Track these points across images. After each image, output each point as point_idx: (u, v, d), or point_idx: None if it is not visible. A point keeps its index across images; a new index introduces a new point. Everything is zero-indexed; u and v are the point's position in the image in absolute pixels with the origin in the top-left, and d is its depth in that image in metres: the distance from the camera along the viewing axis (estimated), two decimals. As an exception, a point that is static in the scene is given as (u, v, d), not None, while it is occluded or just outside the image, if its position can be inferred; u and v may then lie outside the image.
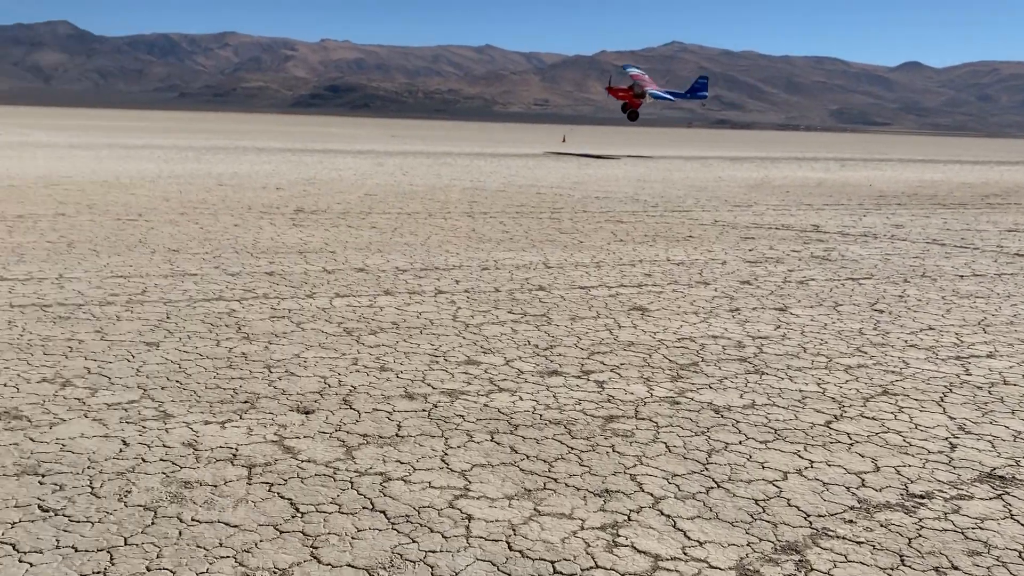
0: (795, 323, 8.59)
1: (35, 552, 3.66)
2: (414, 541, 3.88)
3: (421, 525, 4.04)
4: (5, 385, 5.83)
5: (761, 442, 5.29)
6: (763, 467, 4.90)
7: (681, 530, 4.09)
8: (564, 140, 75.85)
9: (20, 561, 3.59)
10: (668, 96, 54.11)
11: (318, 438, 5.10)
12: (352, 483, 4.47)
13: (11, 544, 3.72)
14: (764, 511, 4.33)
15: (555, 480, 4.61)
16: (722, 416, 5.74)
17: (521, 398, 5.97)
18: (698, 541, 3.99)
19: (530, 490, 4.47)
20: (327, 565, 3.65)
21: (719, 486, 4.61)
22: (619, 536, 4.01)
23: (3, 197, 16.87)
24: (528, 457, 4.92)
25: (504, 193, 22.21)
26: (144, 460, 4.67)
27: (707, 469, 4.84)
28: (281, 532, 3.92)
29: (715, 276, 11.10)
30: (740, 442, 5.28)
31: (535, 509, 4.25)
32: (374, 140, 62.22)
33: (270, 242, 12.57)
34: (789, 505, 4.41)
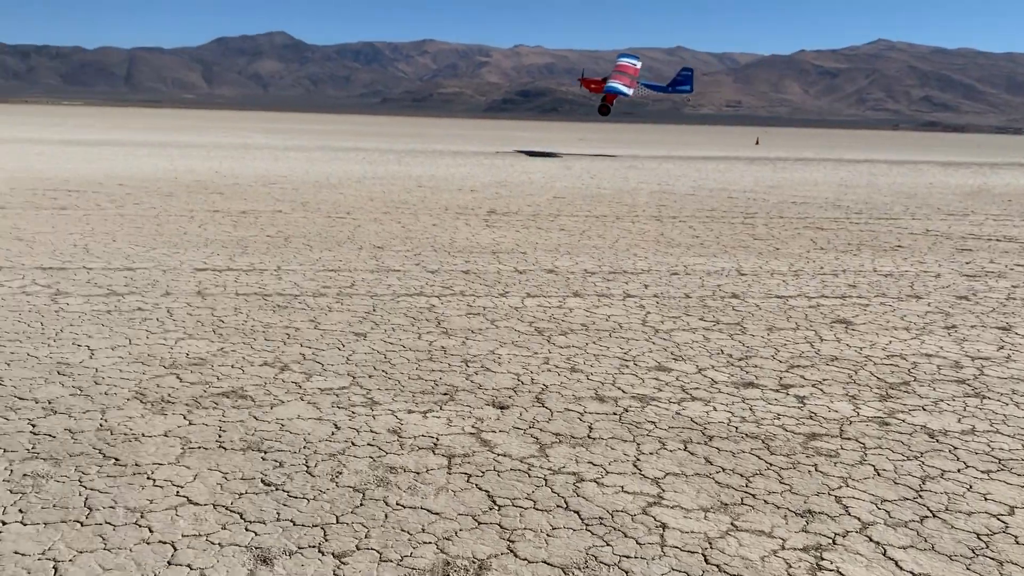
0: (1021, 344, 7.82)
1: (259, 522, 3.99)
2: (608, 544, 3.88)
3: (615, 529, 4.03)
4: (232, 367, 6.39)
5: (983, 471, 4.86)
6: (985, 499, 4.50)
7: (892, 559, 3.83)
8: (758, 143, 73.35)
9: (246, 530, 3.92)
10: (623, 90, 46.34)
11: (513, 433, 5.21)
12: (546, 481, 4.54)
13: (239, 513, 4.07)
14: (987, 547, 3.98)
15: (753, 496, 4.45)
16: (937, 441, 5.33)
17: (715, 408, 5.81)
18: (911, 572, 3.73)
19: (727, 504, 4.35)
20: (524, 560, 3.73)
21: (935, 515, 4.28)
22: (823, 560, 3.81)
23: (229, 194, 18.52)
24: (724, 470, 4.78)
25: (694, 197, 21.76)
26: (353, 444, 4.96)
27: (921, 496, 4.50)
28: (480, 523, 4.04)
29: (928, 290, 10.32)
30: (959, 470, 4.87)
31: (732, 524, 4.13)
32: (562, 143, 62.87)
33: (465, 242, 13.00)
34: (1017, 543, 4.03)
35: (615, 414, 5.62)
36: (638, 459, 4.88)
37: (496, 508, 4.21)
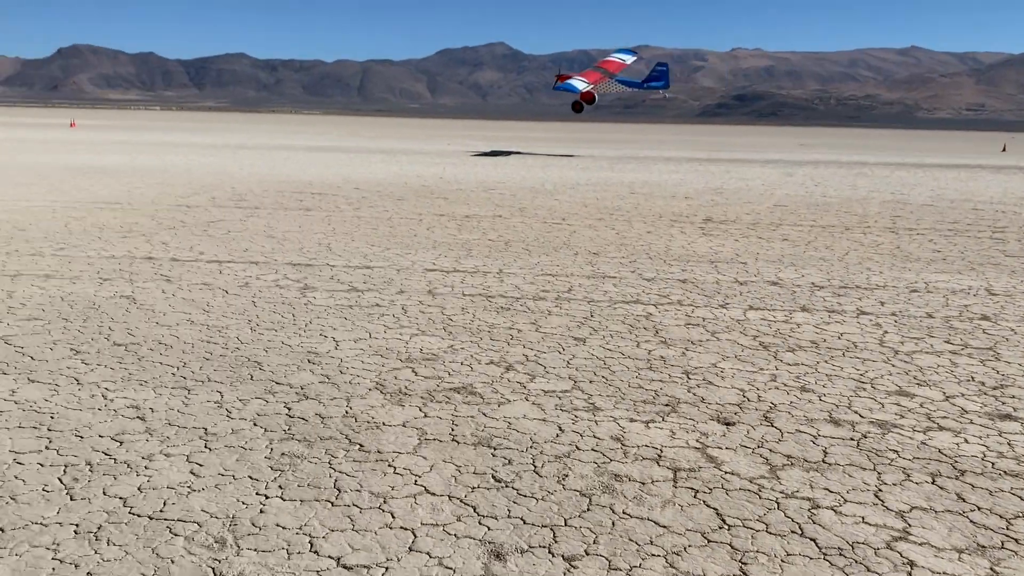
0: None
1: (491, 517, 4.12)
2: (849, 577, 3.66)
3: (856, 561, 3.79)
4: (462, 364, 6.66)
5: None
6: None
7: None
8: (1005, 149, 66.69)
9: (480, 524, 4.06)
10: (574, 87, 43.52)
11: (740, 451, 5.04)
12: (778, 504, 4.35)
13: (472, 506, 4.23)
14: None
15: (1015, 540, 4.03)
16: None
17: (967, 440, 5.32)
18: None
19: (984, 546, 3.96)
20: (757, 584, 3.59)
21: None
22: (1107, 623, 3.37)
23: (453, 199, 19.39)
24: (979, 508, 4.36)
25: (932, 207, 20.10)
26: (577, 448, 5.01)
27: None
28: (709, 541, 3.94)
29: None
30: None
31: (992, 569, 3.75)
32: (781, 149, 60.36)
33: (681, 250, 12.79)
34: None
35: (852, 439, 5.29)
36: (880, 489, 4.56)
37: (726, 527, 4.08)
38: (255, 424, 5.26)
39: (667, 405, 5.84)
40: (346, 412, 5.51)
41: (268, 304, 8.49)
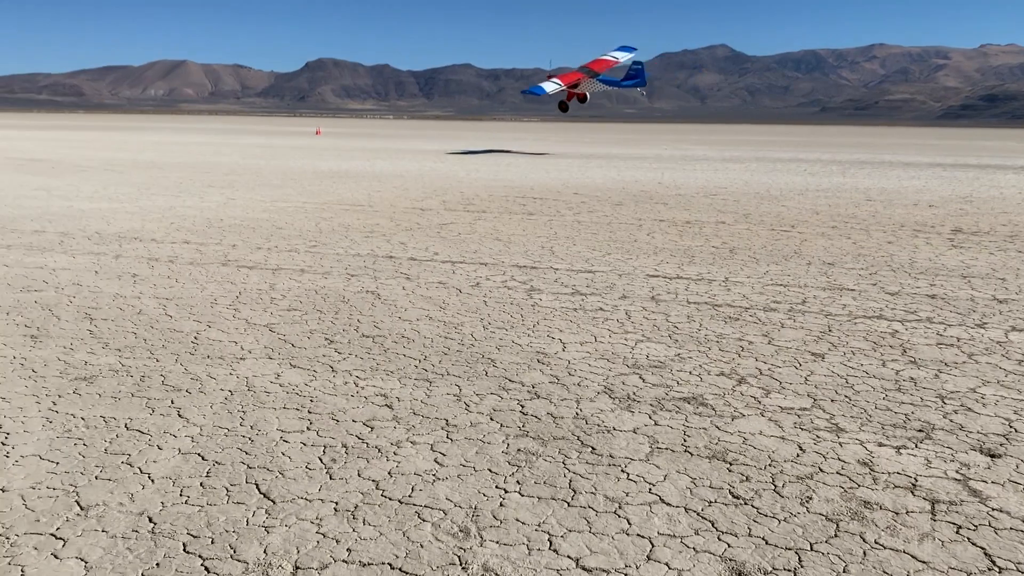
0: None
1: (731, 534, 3.99)
2: None
3: None
4: (690, 373, 6.53)
5: None
6: None
7: None
8: None
9: (719, 539, 3.94)
10: (541, 90, 43.82)
11: (1009, 487, 4.56)
12: (1060, 550, 3.88)
13: (710, 521, 4.12)
14: None
15: None
16: None
17: None
18: None
19: None
20: (1040, 638, 3.22)
21: None
22: None
23: (672, 204, 19.12)
24: None
25: None
26: (821, 470, 4.74)
27: None
28: (978, 584, 3.59)
29: None
30: None
31: None
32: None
33: (927, 263, 11.81)
34: None
35: None
36: None
37: (996, 570, 3.70)
38: (491, 419, 5.44)
39: (920, 431, 5.39)
40: (576, 414, 5.57)
41: (498, 304, 8.78)
